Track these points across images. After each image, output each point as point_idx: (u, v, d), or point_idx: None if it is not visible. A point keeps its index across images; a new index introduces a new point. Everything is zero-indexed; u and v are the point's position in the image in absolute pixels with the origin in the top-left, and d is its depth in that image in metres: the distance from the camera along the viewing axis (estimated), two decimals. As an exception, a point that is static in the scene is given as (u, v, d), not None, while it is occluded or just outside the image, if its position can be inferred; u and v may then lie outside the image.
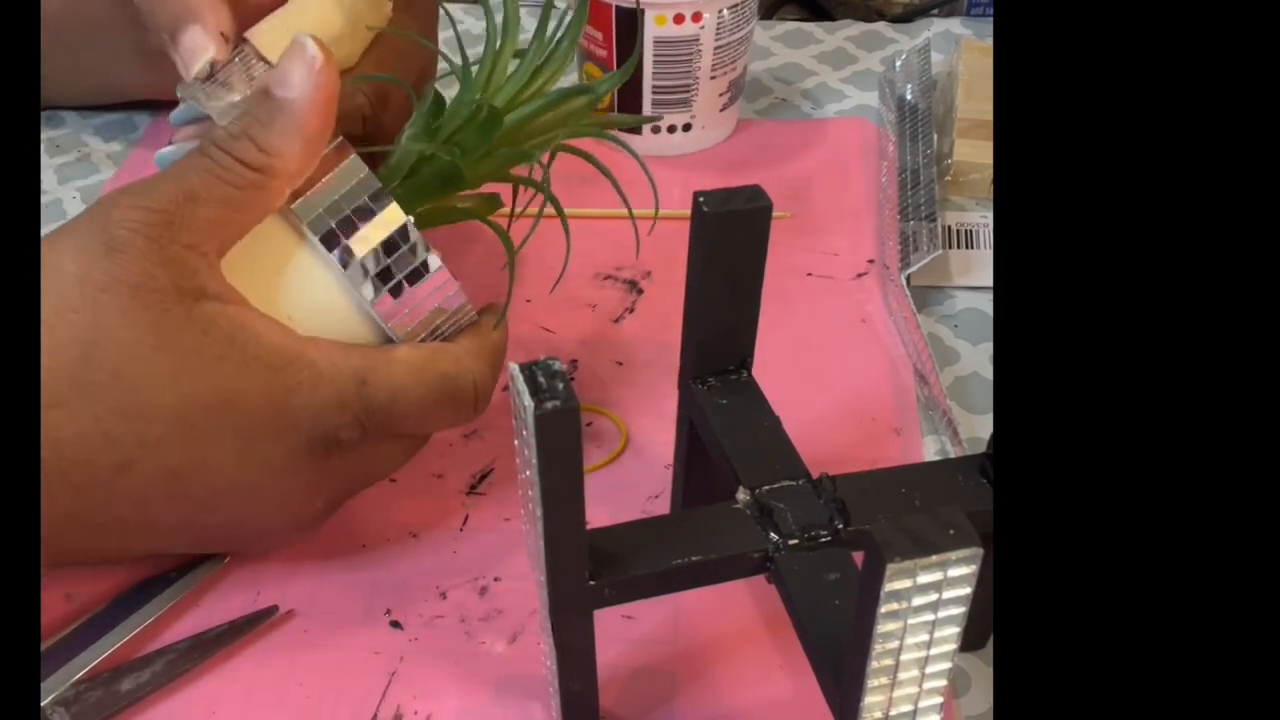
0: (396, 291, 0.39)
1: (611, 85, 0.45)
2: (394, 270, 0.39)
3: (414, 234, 0.39)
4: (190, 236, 0.36)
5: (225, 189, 0.36)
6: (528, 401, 0.28)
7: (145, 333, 0.35)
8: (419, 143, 0.41)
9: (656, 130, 0.62)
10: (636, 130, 0.62)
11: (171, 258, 0.35)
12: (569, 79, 0.63)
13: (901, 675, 0.29)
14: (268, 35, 0.42)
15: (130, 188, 0.36)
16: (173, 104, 0.47)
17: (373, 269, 0.38)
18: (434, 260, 0.39)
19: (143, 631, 0.41)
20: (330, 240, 0.38)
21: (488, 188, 0.44)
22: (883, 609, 0.27)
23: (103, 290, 0.35)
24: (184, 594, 0.42)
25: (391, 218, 0.38)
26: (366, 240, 0.38)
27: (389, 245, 0.38)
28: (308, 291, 0.39)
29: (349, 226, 0.38)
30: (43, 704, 0.38)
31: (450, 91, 0.44)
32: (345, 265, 0.38)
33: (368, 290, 0.39)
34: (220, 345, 0.36)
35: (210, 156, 0.36)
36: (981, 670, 0.41)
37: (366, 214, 0.38)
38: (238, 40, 0.43)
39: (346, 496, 0.41)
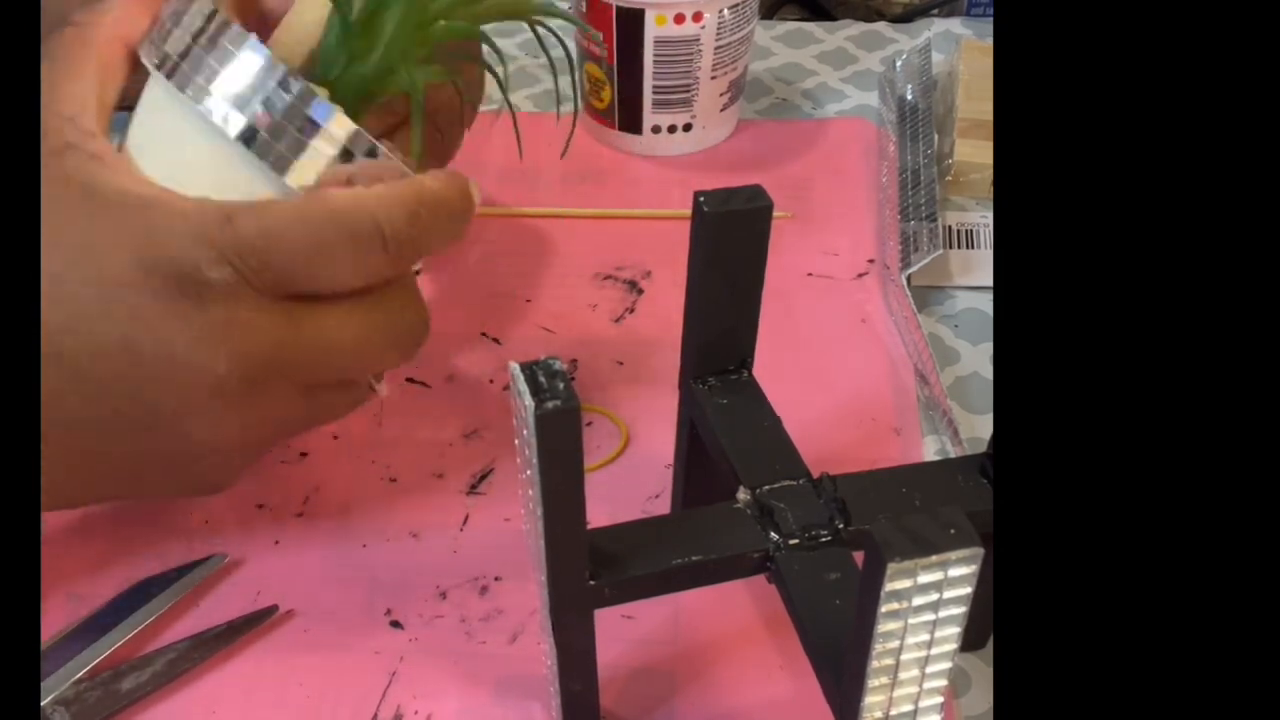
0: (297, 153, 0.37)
1: None
2: (293, 128, 0.37)
3: (350, 130, 0.37)
4: (59, 106, 0.37)
5: (61, 49, 0.38)
6: (528, 401, 0.28)
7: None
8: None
9: (656, 130, 0.62)
10: (637, 130, 0.62)
11: (46, 129, 0.36)
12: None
13: (902, 675, 0.29)
14: (280, 45, 0.42)
15: None
16: None
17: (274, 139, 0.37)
18: (366, 146, 0.37)
19: (143, 631, 0.41)
20: (263, 151, 0.37)
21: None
22: (883, 609, 0.27)
23: None
24: (184, 594, 0.42)
25: (329, 120, 0.37)
26: (303, 149, 0.37)
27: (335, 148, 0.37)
28: (217, 180, 0.37)
29: (282, 137, 0.37)
30: (43, 703, 0.38)
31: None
32: (282, 175, 0.37)
33: (267, 162, 0.37)
34: (76, 194, 0.35)
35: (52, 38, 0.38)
36: (981, 670, 0.41)
37: (295, 118, 0.37)
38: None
39: (281, 379, 0.38)
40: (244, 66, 0.37)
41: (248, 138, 0.37)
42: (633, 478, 0.47)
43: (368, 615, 0.42)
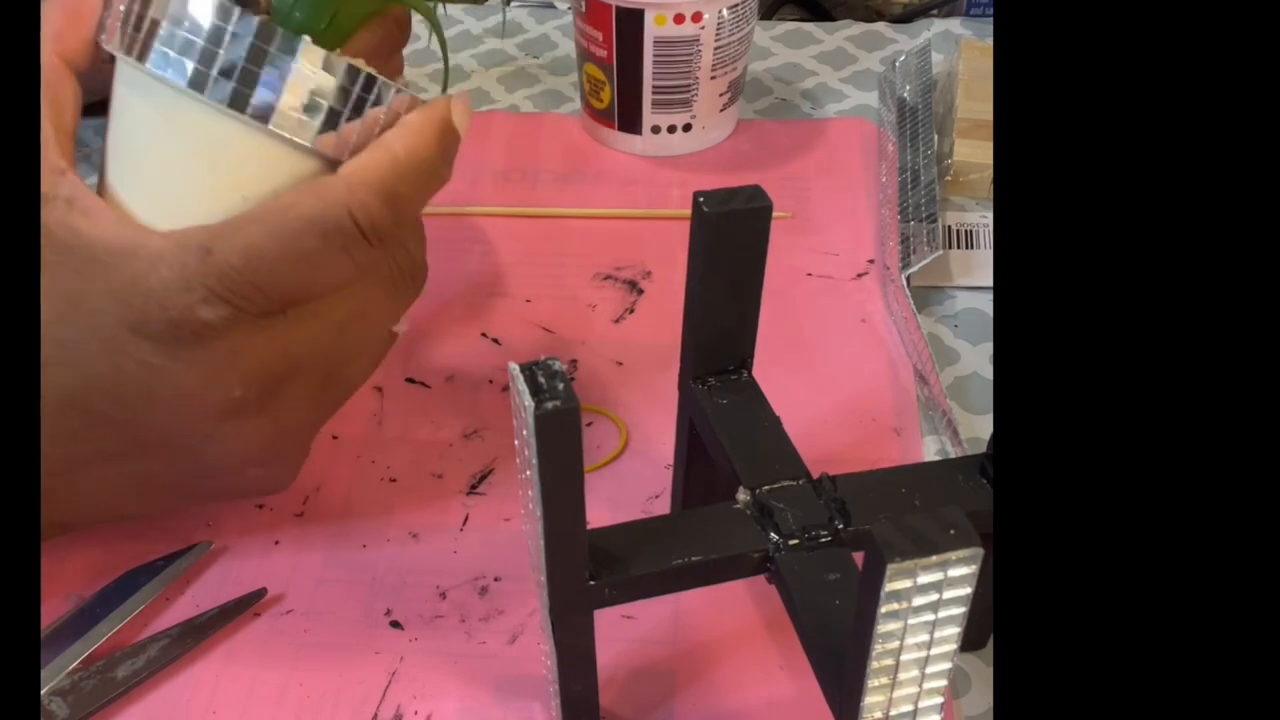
0: (326, 123, 0.36)
1: None
2: (322, 108, 0.35)
3: (327, 60, 0.35)
4: (48, 160, 0.36)
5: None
6: (528, 401, 0.28)
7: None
8: None
9: (656, 130, 0.62)
10: (636, 130, 0.62)
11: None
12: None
13: (901, 675, 0.29)
14: None
15: None
16: None
17: (290, 115, 0.35)
18: (355, 75, 0.36)
19: (134, 620, 0.41)
20: (234, 100, 0.35)
21: None
22: (883, 609, 0.27)
23: None
24: (173, 581, 0.42)
25: (294, 52, 0.35)
26: (273, 89, 0.35)
27: (311, 90, 0.35)
28: (204, 160, 0.36)
29: (245, 80, 0.35)
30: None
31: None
32: (255, 120, 0.35)
33: (290, 134, 0.36)
34: (56, 252, 0.35)
35: None
36: (981, 670, 0.41)
37: (261, 57, 0.35)
38: None
39: (300, 381, 0.38)
40: (199, 14, 0.35)
41: (201, 84, 0.35)
42: (633, 478, 0.47)
43: (368, 615, 0.42)
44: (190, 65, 0.35)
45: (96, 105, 0.70)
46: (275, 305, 0.36)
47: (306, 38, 0.35)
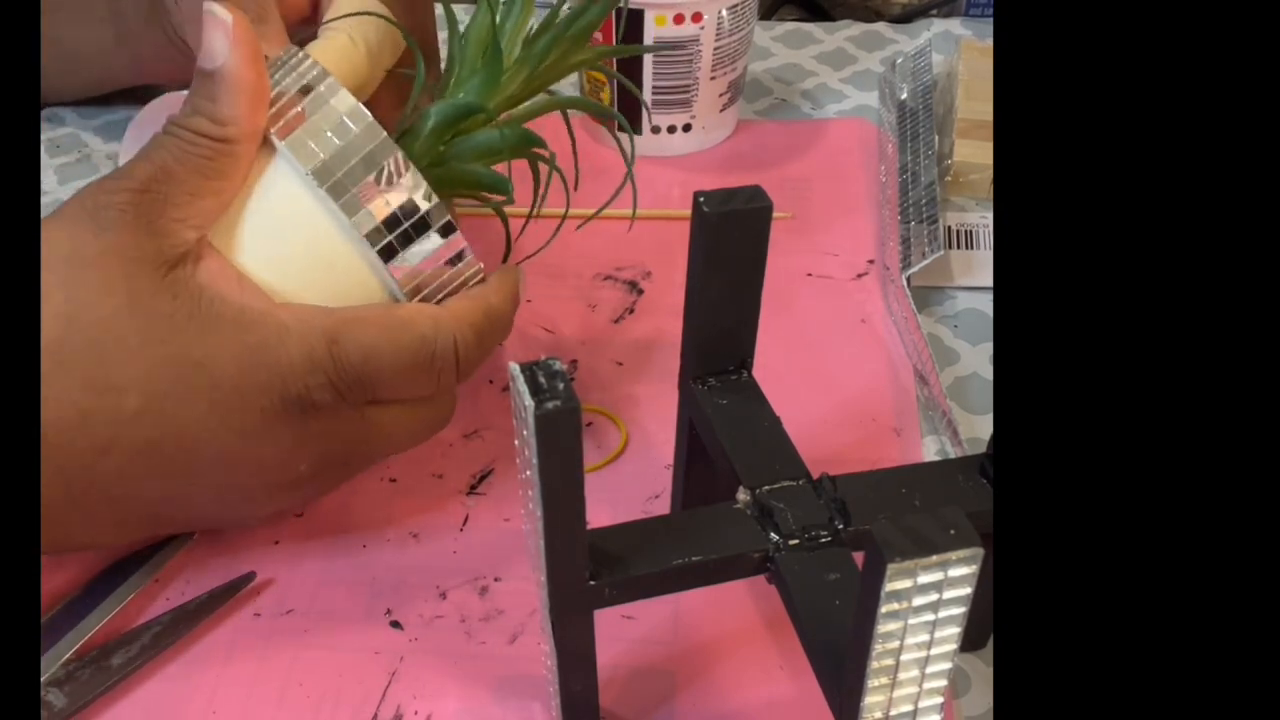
0: (404, 248, 0.40)
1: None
2: (403, 226, 0.39)
3: (428, 191, 0.39)
4: (175, 210, 0.37)
5: (197, 161, 0.37)
6: (528, 401, 0.28)
7: (121, 300, 0.36)
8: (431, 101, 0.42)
9: (656, 130, 0.62)
10: (636, 130, 0.62)
11: (159, 229, 0.37)
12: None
13: (902, 675, 0.29)
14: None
15: (109, 174, 0.38)
16: (161, 90, 0.47)
17: (380, 225, 0.39)
18: (445, 219, 0.40)
19: (125, 615, 0.41)
20: (337, 192, 0.38)
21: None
22: (883, 609, 0.27)
23: (90, 265, 0.36)
24: (161, 569, 0.42)
25: (403, 173, 0.39)
26: (376, 195, 0.39)
27: (404, 205, 0.39)
28: (309, 244, 0.39)
29: (355, 178, 0.38)
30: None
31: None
32: (351, 217, 0.39)
33: (371, 245, 0.39)
34: (187, 307, 0.36)
35: (176, 135, 0.38)
36: (981, 670, 0.41)
37: (373, 165, 0.38)
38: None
39: (341, 467, 0.41)
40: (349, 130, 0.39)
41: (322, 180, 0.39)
42: (633, 478, 0.47)
43: (368, 615, 0.42)
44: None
45: (96, 100, 0.69)
46: (364, 398, 0.39)
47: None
